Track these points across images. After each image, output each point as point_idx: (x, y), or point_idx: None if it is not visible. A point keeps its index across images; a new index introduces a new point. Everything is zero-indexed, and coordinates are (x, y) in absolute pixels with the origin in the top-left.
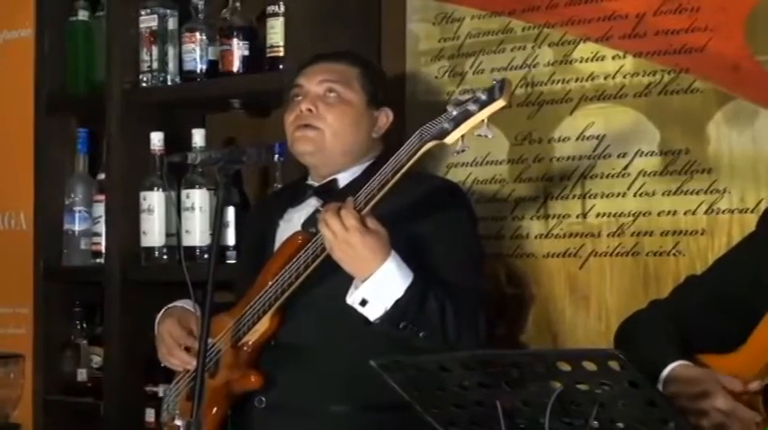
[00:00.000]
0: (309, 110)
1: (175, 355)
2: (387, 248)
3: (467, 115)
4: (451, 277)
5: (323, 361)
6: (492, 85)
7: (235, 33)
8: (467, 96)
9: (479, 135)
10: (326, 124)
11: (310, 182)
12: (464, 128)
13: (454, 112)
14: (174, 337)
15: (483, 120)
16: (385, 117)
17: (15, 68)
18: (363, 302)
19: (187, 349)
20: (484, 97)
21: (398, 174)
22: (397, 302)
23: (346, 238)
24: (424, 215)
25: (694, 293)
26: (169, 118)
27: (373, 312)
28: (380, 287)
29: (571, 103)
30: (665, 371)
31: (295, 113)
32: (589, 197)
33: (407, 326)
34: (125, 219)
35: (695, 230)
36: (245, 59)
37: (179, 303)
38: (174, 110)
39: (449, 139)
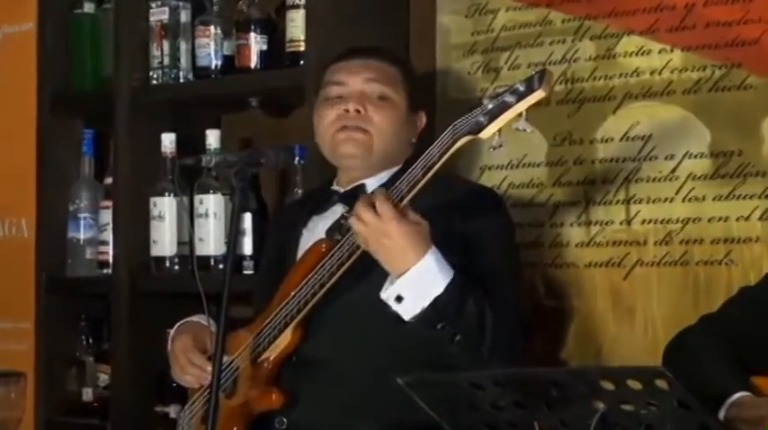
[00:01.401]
0: (358, 111)
1: (189, 373)
2: (427, 241)
3: (503, 107)
4: (489, 287)
5: (347, 378)
6: (531, 76)
7: (252, 27)
8: (503, 88)
9: (517, 129)
10: (375, 127)
11: (335, 187)
12: (501, 121)
13: (490, 105)
14: (189, 355)
15: (521, 113)
16: (420, 121)
17: (16, 65)
18: (399, 299)
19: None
20: (522, 88)
21: (430, 173)
22: (437, 300)
23: (381, 228)
24: (458, 219)
25: (748, 307)
26: (181, 118)
27: (409, 311)
28: (419, 283)
29: (614, 100)
30: (731, 400)
31: (337, 112)
32: (634, 202)
33: (445, 327)
34: (134, 226)
35: (749, 238)
36: (263, 54)
37: (194, 318)
38: (186, 109)
39: (484, 134)
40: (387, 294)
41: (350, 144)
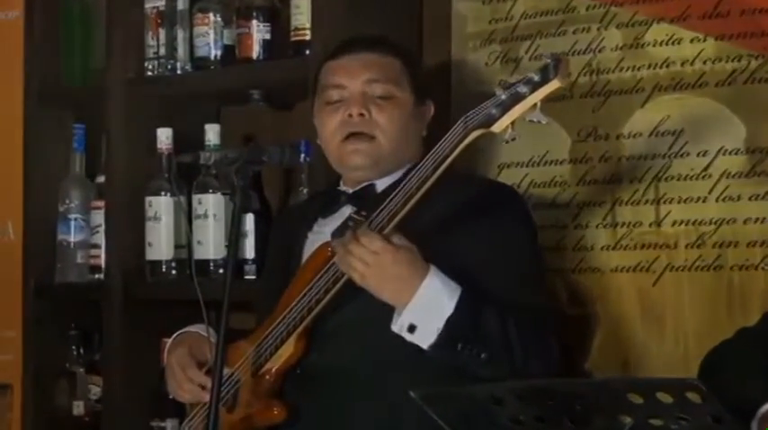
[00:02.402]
0: (362, 114)
1: (186, 389)
2: (423, 263)
3: (517, 98)
4: (512, 295)
5: (356, 391)
6: (545, 64)
7: (254, 14)
8: (517, 78)
9: (531, 121)
10: (381, 130)
11: (343, 188)
12: (514, 113)
13: (503, 96)
14: (186, 371)
15: (536, 104)
16: (428, 111)
17: (2, 55)
18: (411, 328)
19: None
20: (536, 78)
21: (439, 170)
22: (449, 320)
23: (378, 262)
24: (473, 223)
25: None
26: (178, 112)
27: (425, 338)
28: (427, 307)
29: (643, 93)
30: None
31: (340, 118)
32: (664, 202)
33: (466, 348)
34: (128, 228)
35: None
36: (265, 44)
37: (192, 328)
38: (184, 102)
39: (496, 127)
40: (398, 326)
41: (358, 156)
